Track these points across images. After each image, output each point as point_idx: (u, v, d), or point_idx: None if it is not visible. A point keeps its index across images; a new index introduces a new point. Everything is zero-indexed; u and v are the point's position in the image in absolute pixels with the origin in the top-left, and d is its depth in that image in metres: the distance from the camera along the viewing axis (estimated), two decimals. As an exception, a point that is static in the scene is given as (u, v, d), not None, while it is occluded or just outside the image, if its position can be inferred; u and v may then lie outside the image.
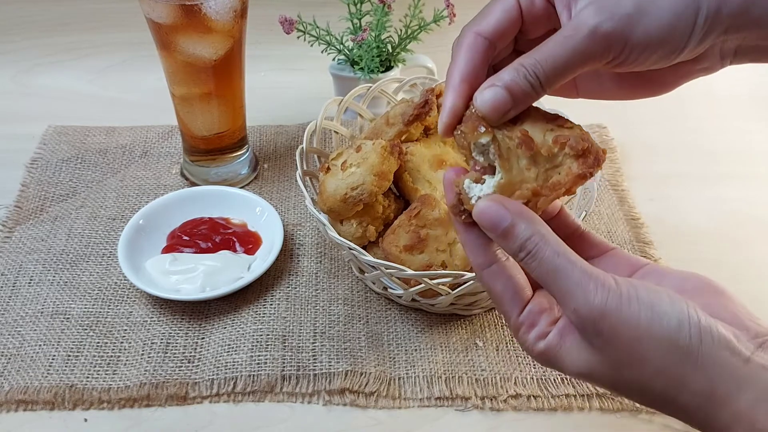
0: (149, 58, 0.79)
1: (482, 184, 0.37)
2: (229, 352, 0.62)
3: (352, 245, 0.59)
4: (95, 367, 0.60)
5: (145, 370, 0.60)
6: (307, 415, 0.58)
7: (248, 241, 0.71)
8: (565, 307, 0.35)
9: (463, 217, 0.37)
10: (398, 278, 0.60)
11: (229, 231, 0.72)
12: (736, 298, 0.36)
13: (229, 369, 0.60)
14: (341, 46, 0.88)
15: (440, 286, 0.57)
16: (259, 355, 0.61)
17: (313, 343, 0.63)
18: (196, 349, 0.62)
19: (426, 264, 0.59)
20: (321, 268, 0.71)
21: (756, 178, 0.85)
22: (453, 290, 0.58)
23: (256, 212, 0.74)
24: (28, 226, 0.74)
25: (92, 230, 0.74)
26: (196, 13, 0.66)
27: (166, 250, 0.69)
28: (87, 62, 1.01)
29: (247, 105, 0.80)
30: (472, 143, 0.36)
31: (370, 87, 0.74)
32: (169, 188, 0.80)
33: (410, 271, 0.56)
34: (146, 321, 0.65)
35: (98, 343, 0.62)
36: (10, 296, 0.66)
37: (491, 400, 0.59)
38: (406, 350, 0.63)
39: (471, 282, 0.56)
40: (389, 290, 0.64)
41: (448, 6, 0.83)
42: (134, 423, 0.57)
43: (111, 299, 0.67)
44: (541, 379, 0.60)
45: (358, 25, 0.86)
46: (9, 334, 0.63)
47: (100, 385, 0.59)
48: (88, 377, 0.59)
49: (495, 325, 0.65)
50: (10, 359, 0.61)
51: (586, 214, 0.59)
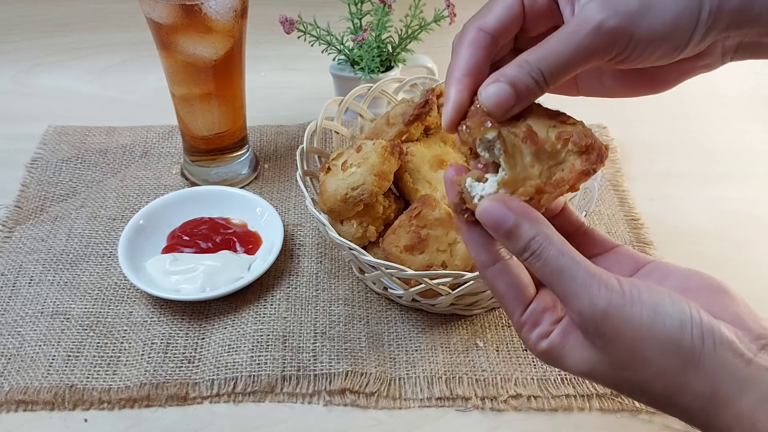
0: (149, 58, 0.79)
1: (484, 182, 0.36)
2: (229, 352, 0.62)
3: (353, 245, 0.59)
4: (95, 367, 0.60)
5: (146, 371, 0.60)
6: (308, 415, 0.58)
7: (248, 241, 0.71)
8: (569, 307, 0.35)
9: (466, 216, 0.37)
10: (398, 278, 0.60)
11: (230, 231, 0.72)
12: (739, 297, 0.36)
13: (230, 369, 0.60)
14: (341, 46, 0.88)
15: (440, 286, 0.57)
16: (260, 356, 0.61)
17: (314, 343, 0.63)
18: (196, 349, 0.62)
19: (426, 264, 0.59)
20: (321, 269, 0.71)
21: (756, 178, 0.85)
22: (453, 290, 0.58)
23: (256, 212, 0.74)
24: (28, 226, 0.74)
25: (92, 230, 0.74)
26: (196, 13, 0.66)
27: (167, 250, 0.69)
28: (87, 62, 1.01)
29: (248, 105, 0.80)
30: (477, 139, 0.36)
31: (371, 87, 0.74)
32: (170, 188, 0.80)
33: (410, 271, 0.56)
34: (146, 321, 0.65)
35: (98, 343, 0.62)
36: (10, 296, 0.66)
37: (492, 400, 0.59)
38: (406, 350, 0.63)
39: (471, 282, 0.56)
40: (389, 290, 0.64)
41: (448, 6, 0.83)
42: (134, 423, 0.57)
43: (111, 299, 0.67)
44: (542, 379, 0.60)
45: (359, 25, 0.86)
46: (9, 334, 0.63)
47: (100, 386, 0.59)
48: (88, 377, 0.59)
49: (495, 326, 0.65)
50: (10, 359, 0.61)
51: (586, 214, 0.59)
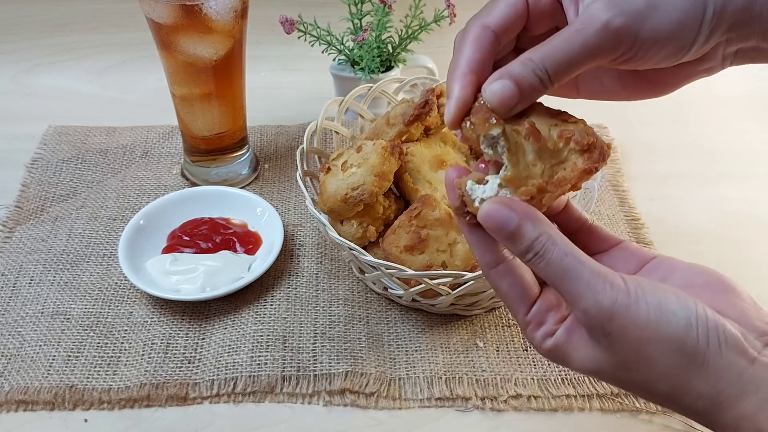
0: (149, 58, 0.79)
1: (485, 184, 0.36)
2: (229, 352, 0.62)
3: (353, 245, 0.59)
4: (95, 367, 0.60)
5: (146, 371, 0.60)
6: (308, 415, 0.58)
7: (248, 242, 0.71)
8: (574, 307, 0.35)
9: (467, 218, 0.37)
10: (398, 278, 0.60)
11: (230, 231, 0.72)
12: (745, 293, 0.36)
13: (230, 369, 0.60)
14: (342, 47, 0.88)
15: (440, 287, 0.57)
16: (260, 356, 0.61)
17: (314, 343, 0.63)
18: (196, 349, 0.62)
19: (426, 264, 0.59)
20: (321, 269, 0.71)
21: (756, 178, 0.85)
22: (453, 290, 0.58)
23: (256, 212, 0.74)
24: (28, 226, 0.74)
25: (93, 230, 0.74)
26: (196, 13, 0.66)
27: (167, 250, 0.69)
28: (87, 62, 1.01)
29: (248, 105, 0.80)
30: (481, 135, 0.36)
31: (371, 87, 0.74)
32: (170, 188, 0.80)
33: (410, 272, 0.56)
34: (146, 321, 0.65)
35: (98, 343, 0.62)
36: (11, 296, 0.66)
37: (492, 400, 0.59)
38: (406, 351, 0.63)
39: (471, 282, 0.56)
40: (389, 290, 0.64)
41: (448, 6, 0.83)
42: (134, 423, 0.57)
43: (111, 299, 0.67)
44: (542, 379, 0.60)
45: (359, 25, 0.86)
46: (9, 335, 0.63)
47: (100, 386, 0.59)
48: (88, 377, 0.59)
49: (495, 326, 0.65)
50: (10, 359, 0.61)
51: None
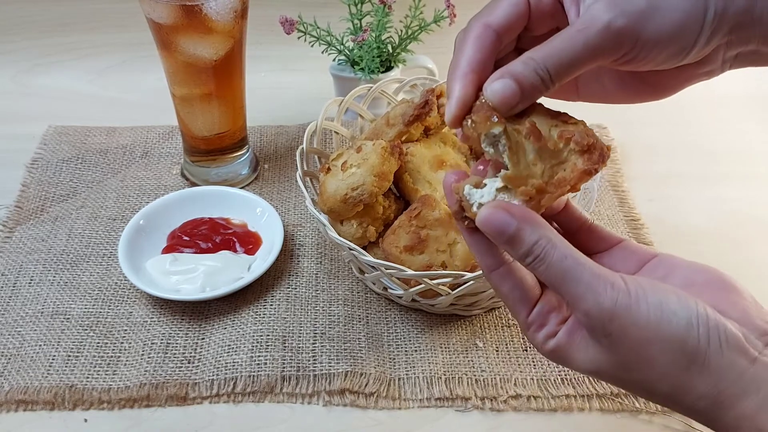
0: (149, 58, 0.79)
1: (483, 188, 0.36)
2: (229, 352, 0.62)
3: (353, 245, 0.59)
4: (95, 367, 0.60)
5: (145, 371, 0.60)
6: (307, 415, 0.58)
7: (248, 242, 0.71)
8: (575, 308, 0.35)
9: (467, 223, 0.37)
10: (398, 279, 0.60)
11: (230, 231, 0.72)
12: (746, 292, 0.36)
13: (229, 369, 0.60)
14: (342, 47, 0.88)
15: (440, 287, 0.57)
16: (259, 356, 0.62)
17: (313, 343, 0.63)
18: (196, 349, 0.62)
19: (426, 264, 0.59)
20: (321, 269, 0.71)
21: (756, 178, 0.85)
22: (453, 290, 0.58)
23: (256, 212, 0.74)
24: (28, 226, 0.74)
25: (93, 230, 0.74)
26: (196, 13, 0.66)
27: (167, 250, 0.69)
28: (87, 62, 1.01)
29: (248, 105, 0.80)
30: (483, 134, 0.36)
31: (371, 87, 0.74)
32: (170, 188, 0.80)
33: (410, 272, 0.56)
34: (146, 321, 0.65)
35: (98, 343, 0.62)
36: (11, 296, 0.66)
37: (491, 400, 0.59)
38: (406, 351, 0.63)
39: (471, 282, 0.56)
40: (389, 291, 0.64)
41: (448, 6, 0.83)
42: (134, 423, 0.57)
43: (111, 299, 0.67)
44: (541, 379, 0.60)
45: (359, 25, 0.86)
46: (9, 334, 0.63)
47: (100, 386, 0.59)
48: (88, 377, 0.60)
49: (495, 326, 0.65)
50: (10, 359, 0.61)
51: (586, 215, 0.59)
